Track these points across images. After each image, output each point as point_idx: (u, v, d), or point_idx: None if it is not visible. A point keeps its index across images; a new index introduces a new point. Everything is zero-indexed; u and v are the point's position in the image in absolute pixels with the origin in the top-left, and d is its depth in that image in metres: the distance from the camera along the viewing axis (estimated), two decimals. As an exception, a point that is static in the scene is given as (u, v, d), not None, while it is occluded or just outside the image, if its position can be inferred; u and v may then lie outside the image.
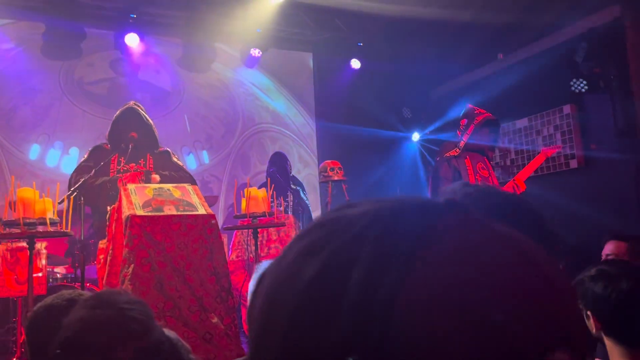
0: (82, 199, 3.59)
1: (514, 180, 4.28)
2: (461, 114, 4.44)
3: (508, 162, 6.65)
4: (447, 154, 4.27)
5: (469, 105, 4.45)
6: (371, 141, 7.20)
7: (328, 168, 4.75)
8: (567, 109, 5.98)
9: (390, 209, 0.33)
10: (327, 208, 4.70)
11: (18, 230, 2.82)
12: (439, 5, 5.92)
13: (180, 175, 4.02)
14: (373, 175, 7.03)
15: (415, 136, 7.96)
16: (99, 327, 0.91)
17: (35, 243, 2.92)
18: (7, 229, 3.03)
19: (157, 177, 3.77)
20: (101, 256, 3.52)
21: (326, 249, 0.32)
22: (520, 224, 0.36)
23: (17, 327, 4.46)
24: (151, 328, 0.95)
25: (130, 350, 0.90)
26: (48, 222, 2.87)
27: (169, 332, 1.06)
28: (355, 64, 7.36)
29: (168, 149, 4.33)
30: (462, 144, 4.22)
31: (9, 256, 4.38)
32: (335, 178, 4.67)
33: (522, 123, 6.52)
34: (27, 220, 2.82)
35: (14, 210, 2.99)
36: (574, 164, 5.88)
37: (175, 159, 4.27)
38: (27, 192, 2.90)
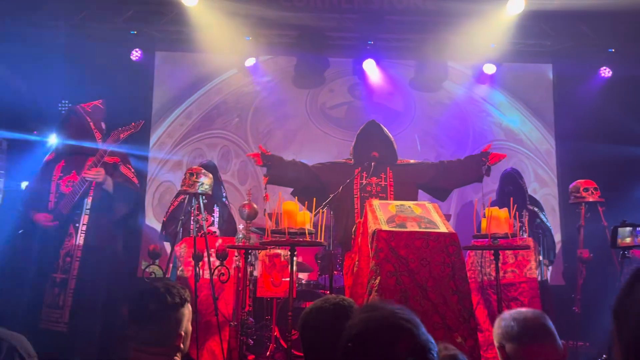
0: (332, 212, 3.93)
1: None
2: None
3: None
4: None
5: None
6: (622, 157, 6.31)
7: (581, 188, 4.29)
8: None
9: None
10: (579, 232, 4.23)
11: (283, 238, 3.21)
12: None
13: None
14: (629, 196, 6.13)
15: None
16: (379, 324, 1.04)
17: (295, 250, 3.29)
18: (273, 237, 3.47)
19: None
20: (347, 266, 3.79)
21: None
22: None
23: (270, 324, 5.07)
24: (420, 328, 1.05)
25: (405, 346, 1.00)
26: (307, 232, 3.20)
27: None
28: (606, 72, 6.60)
29: (408, 160, 4.51)
30: None
31: (267, 261, 5.02)
32: (590, 199, 4.19)
33: None
34: (291, 230, 3.19)
35: (272, 222, 3.41)
36: None
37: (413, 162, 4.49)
38: (291, 205, 3.29)
